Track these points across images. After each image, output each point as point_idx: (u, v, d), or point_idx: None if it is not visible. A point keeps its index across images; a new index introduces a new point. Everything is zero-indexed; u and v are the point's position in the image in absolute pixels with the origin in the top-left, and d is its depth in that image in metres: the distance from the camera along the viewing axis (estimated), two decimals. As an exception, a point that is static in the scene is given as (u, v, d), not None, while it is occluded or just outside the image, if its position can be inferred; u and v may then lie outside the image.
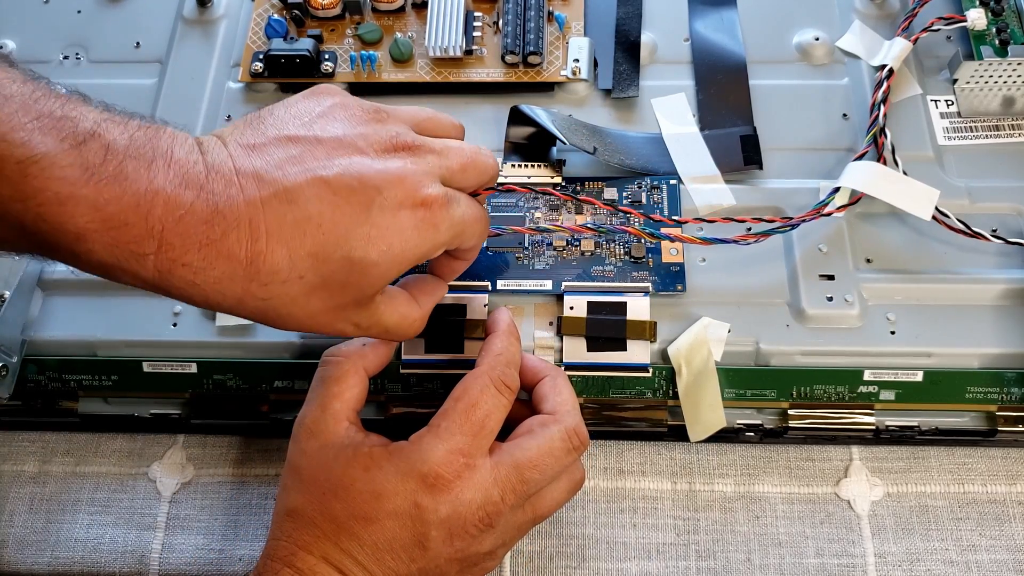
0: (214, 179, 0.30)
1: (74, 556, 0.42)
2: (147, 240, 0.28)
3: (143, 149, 0.29)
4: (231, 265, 0.30)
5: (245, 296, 0.30)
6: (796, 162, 0.46)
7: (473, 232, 0.36)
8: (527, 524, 0.36)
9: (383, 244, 0.32)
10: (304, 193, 0.30)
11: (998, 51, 0.46)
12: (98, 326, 0.43)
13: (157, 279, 0.29)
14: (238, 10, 0.53)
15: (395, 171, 0.32)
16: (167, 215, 0.28)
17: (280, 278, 0.30)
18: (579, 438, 0.36)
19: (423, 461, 0.34)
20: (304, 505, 0.34)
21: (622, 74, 0.49)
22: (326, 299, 0.32)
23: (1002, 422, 0.41)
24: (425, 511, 0.33)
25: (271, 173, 0.31)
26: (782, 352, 0.41)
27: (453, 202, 0.34)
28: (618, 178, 0.45)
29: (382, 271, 0.32)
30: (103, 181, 0.28)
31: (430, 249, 0.34)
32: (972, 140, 0.47)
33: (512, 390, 0.36)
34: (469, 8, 0.50)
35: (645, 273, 0.42)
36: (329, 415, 0.36)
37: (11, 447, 0.45)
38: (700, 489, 0.42)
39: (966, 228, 0.42)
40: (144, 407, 0.43)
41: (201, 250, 0.29)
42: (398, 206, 0.32)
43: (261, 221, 0.30)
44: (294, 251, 0.30)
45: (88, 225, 0.28)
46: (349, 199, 0.31)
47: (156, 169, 0.29)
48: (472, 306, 0.42)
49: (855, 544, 0.41)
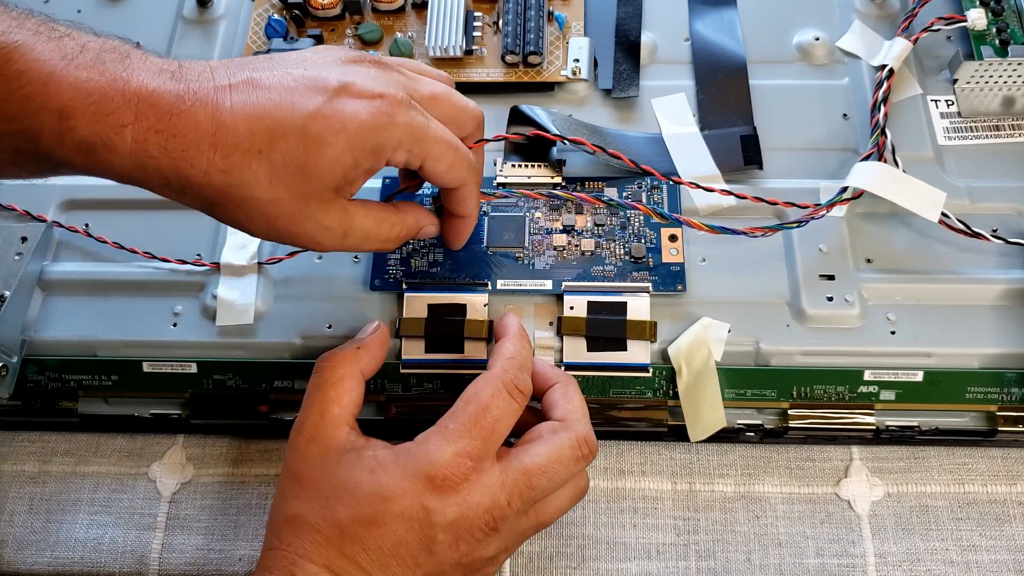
0: (187, 69, 0.33)
1: (74, 556, 0.42)
2: (125, 110, 0.31)
3: (119, 49, 0.32)
4: (198, 134, 0.32)
5: (210, 168, 0.32)
6: (796, 162, 0.46)
7: (441, 154, 0.35)
8: (530, 530, 0.36)
9: (336, 123, 0.33)
10: (268, 81, 0.33)
11: (998, 51, 0.46)
12: (98, 326, 0.43)
13: (133, 151, 0.31)
14: (238, 10, 0.53)
15: (357, 71, 0.35)
16: (141, 88, 0.31)
17: (241, 148, 0.32)
18: (588, 446, 0.36)
19: (431, 463, 0.33)
20: (305, 511, 0.34)
21: (622, 74, 0.49)
22: (287, 183, 0.33)
23: (1002, 422, 0.41)
24: (432, 513, 0.33)
25: (242, 68, 0.34)
26: (782, 352, 0.41)
27: (414, 108, 0.35)
28: (618, 178, 0.45)
29: (337, 153, 0.33)
30: (81, 66, 0.31)
31: (385, 140, 0.34)
32: (972, 140, 0.47)
33: (524, 395, 0.36)
34: (469, 8, 0.50)
35: (645, 273, 0.42)
36: (328, 420, 0.35)
37: (11, 447, 0.45)
38: (700, 489, 0.42)
39: (966, 228, 0.42)
40: (144, 407, 0.43)
41: (172, 119, 0.31)
42: (356, 96, 0.34)
43: (227, 98, 0.32)
44: (254, 125, 0.32)
45: (71, 101, 0.30)
46: (309, 87, 0.33)
47: (131, 60, 0.32)
48: (472, 306, 0.42)
49: (855, 544, 0.41)
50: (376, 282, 0.43)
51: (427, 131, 0.35)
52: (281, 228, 0.34)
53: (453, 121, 0.37)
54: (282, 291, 0.44)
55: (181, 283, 0.44)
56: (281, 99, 0.33)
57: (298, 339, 0.42)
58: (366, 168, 0.34)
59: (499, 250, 0.43)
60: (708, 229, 0.41)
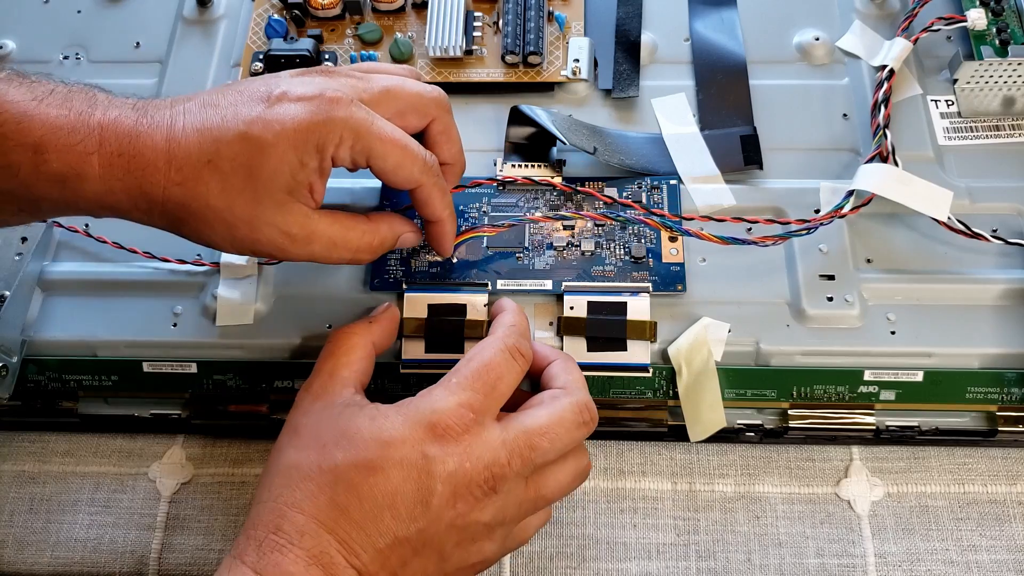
0: (148, 103, 0.35)
1: (74, 556, 0.42)
2: (90, 140, 0.33)
3: (85, 91, 0.35)
4: (155, 153, 0.34)
5: (168, 184, 0.34)
6: (796, 162, 0.46)
7: (386, 152, 0.36)
8: (528, 504, 0.35)
9: (276, 125, 0.34)
10: (218, 100, 0.35)
11: (998, 51, 0.46)
12: (98, 326, 0.43)
13: (101, 175, 0.34)
14: (238, 10, 0.53)
15: (301, 79, 0.36)
16: (104, 118, 0.34)
17: (192, 160, 0.34)
18: (589, 412, 0.36)
19: (433, 411, 0.33)
20: (299, 459, 0.33)
21: (622, 74, 0.49)
22: (238, 189, 0.34)
23: (1002, 422, 0.41)
24: (432, 462, 0.32)
25: (199, 94, 0.36)
26: (782, 352, 0.41)
27: (356, 105, 0.35)
28: (618, 178, 0.45)
29: (280, 153, 0.34)
30: (51, 105, 0.34)
31: (325, 137, 0.34)
32: (972, 140, 0.47)
33: (526, 359, 0.36)
34: (469, 8, 0.50)
35: (645, 273, 0.42)
36: (336, 381, 0.36)
37: (11, 447, 0.45)
38: (700, 489, 0.42)
39: (966, 228, 0.42)
40: (144, 407, 0.43)
41: (131, 141, 0.34)
42: (295, 99, 0.35)
43: (180, 118, 0.35)
44: (203, 137, 0.34)
45: (43, 137, 0.33)
46: (252, 96, 0.35)
47: (97, 98, 0.35)
48: (472, 306, 0.42)
49: (855, 544, 0.41)
50: (376, 282, 0.43)
51: (369, 127, 0.35)
52: (242, 237, 0.35)
53: (413, 110, 0.38)
54: (282, 291, 0.44)
55: (181, 283, 0.44)
56: (226, 112, 0.35)
57: (298, 339, 0.42)
58: (314, 167, 0.35)
59: (499, 250, 0.43)
60: (719, 241, 0.41)
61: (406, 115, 0.38)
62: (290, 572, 0.31)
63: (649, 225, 0.42)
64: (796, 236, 0.41)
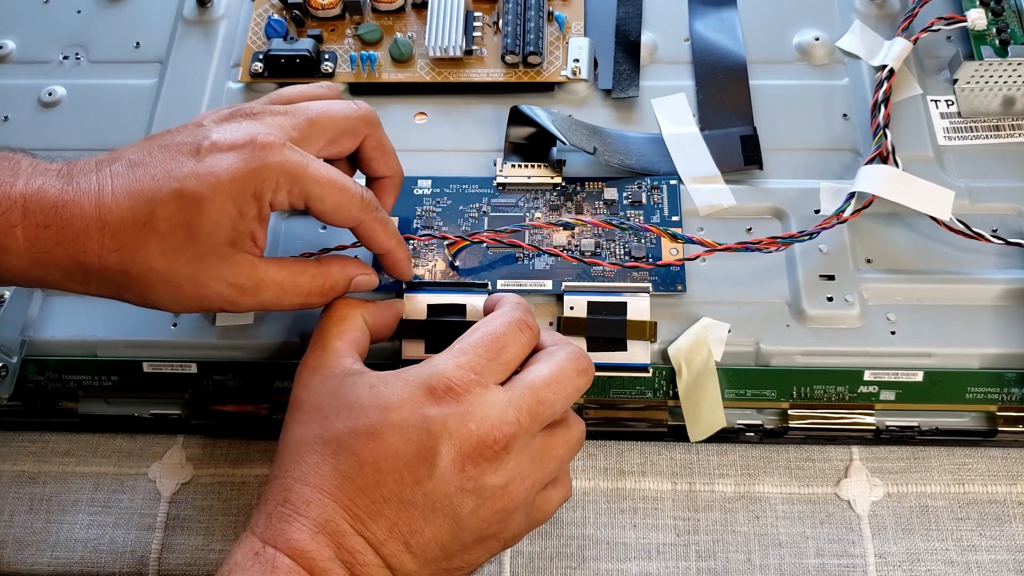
0: (73, 166, 0.34)
1: (74, 556, 0.42)
2: (12, 212, 0.32)
3: (8, 159, 0.34)
4: (84, 221, 0.33)
5: (102, 251, 0.33)
6: (796, 162, 0.46)
7: (323, 194, 0.35)
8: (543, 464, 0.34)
9: (211, 178, 0.33)
10: (145, 158, 0.34)
11: (998, 51, 0.46)
12: (98, 326, 0.43)
13: (26, 248, 0.33)
14: (238, 10, 0.53)
15: (227, 127, 0.35)
16: (27, 189, 0.33)
17: (126, 226, 0.33)
18: (586, 359, 0.36)
19: (431, 373, 0.33)
20: (304, 433, 0.33)
21: (622, 74, 0.49)
22: (179, 248, 0.33)
23: (1002, 422, 0.41)
24: (432, 422, 0.32)
25: (124, 152, 0.35)
26: (782, 352, 0.41)
27: (288, 148, 0.34)
28: (618, 178, 0.45)
29: (218, 206, 0.33)
30: None
31: (261, 184, 0.34)
32: (972, 140, 0.47)
33: (533, 332, 0.36)
34: (469, 8, 0.50)
35: (645, 273, 0.42)
36: (331, 352, 0.36)
37: (11, 447, 0.45)
38: (700, 489, 0.42)
39: (966, 228, 0.42)
40: (144, 407, 0.43)
41: (58, 211, 0.33)
42: (226, 149, 0.34)
43: (108, 182, 0.33)
44: (135, 200, 0.33)
45: None
46: (180, 150, 0.34)
47: (20, 167, 0.34)
48: (472, 306, 0.42)
49: (855, 544, 0.41)
50: (376, 282, 0.43)
51: (304, 170, 0.34)
52: (188, 295, 0.34)
53: (344, 134, 0.37)
54: (282, 291, 0.44)
55: (181, 283, 0.44)
56: (156, 171, 0.34)
57: (298, 339, 0.42)
58: (253, 215, 0.34)
59: (499, 251, 0.43)
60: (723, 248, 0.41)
61: (338, 141, 0.37)
62: (295, 539, 0.31)
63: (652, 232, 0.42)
64: (800, 240, 0.41)
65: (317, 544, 0.31)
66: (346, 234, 0.44)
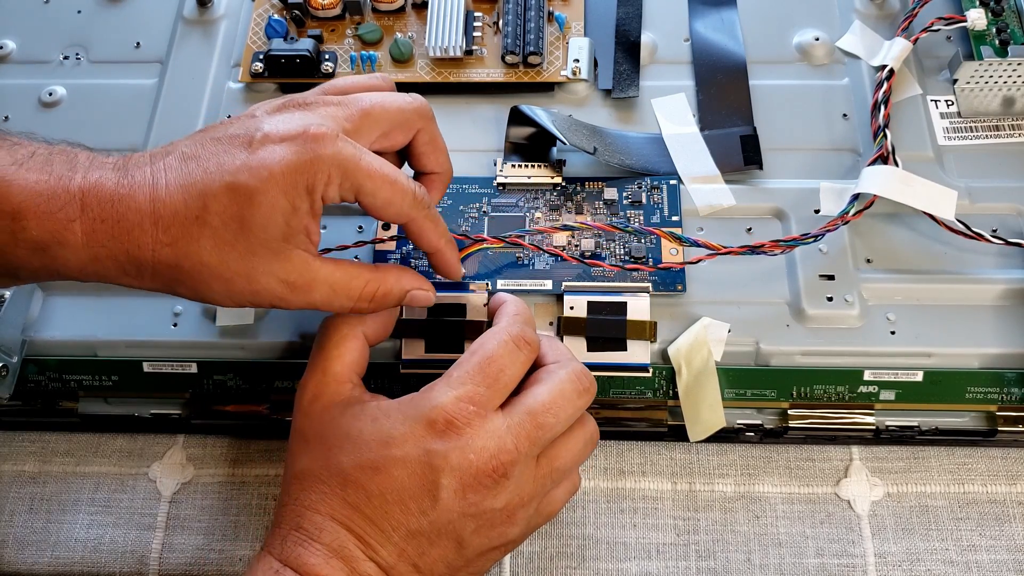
0: (129, 159, 0.34)
1: (74, 556, 0.42)
2: (71, 206, 0.32)
3: (65, 152, 0.34)
4: (139, 215, 0.33)
5: (156, 245, 0.33)
6: (796, 162, 0.46)
7: (375, 189, 0.34)
8: (546, 480, 0.35)
9: (263, 171, 0.33)
10: (198, 151, 0.34)
11: (998, 51, 0.46)
12: (98, 326, 0.43)
13: (85, 243, 0.33)
14: (238, 10, 0.53)
15: (280, 117, 0.35)
16: (84, 183, 0.33)
17: (179, 220, 0.33)
18: (588, 379, 0.36)
19: (432, 407, 0.33)
20: (310, 464, 0.34)
21: (622, 74, 0.49)
22: (231, 242, 0.33)
23: (1002, 422, 0.41)
24: (434, 456, 0.32)
25: (176, 146, 0.34)
26: (782, 352, 0.41)
27: (341, 140, 0.34)
28: (618, 178, 0.45)
29: (270, 200, 0.33)
30: (31, 169, 0.33)
31: (314, 177, 0.33)
32: (972, 140, 0.47)
33: (532, 347, 0.36)
34: (469, 8, 0.50)
35: (645, 273, 0.42)
36: (331, 378, 0.36)
37: (11, 447, 0.45)
38: (700, 489, 0.42)
39: (966, 228, 0.42)
40: (144, 407, 0.43)
41: (114, 206, 0.33)
42: (278, 140, 0.33)
43: (162, 176, 0.33)
44: (187, 193, 0.33)
45: (22, 203, 0.32)
46: (232, 142, 0.34)
47: (78, 160, 0.34)
48: (472, 306, 0.42)
49: (855, 544, 0.41)
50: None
51: (357, 163, 0.34)
52: (240, 290, 0.34)
53: (398, 127, 0.37)
54: (282, 291, 0.44)
55: (181, 283, 0.44)
56: (208, 164, 0.33)
57: (298, 339, 0.42)
58: (306, 209, 0.34)
59: (499, 251, 0.43)
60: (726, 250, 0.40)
61: (391, 134, 0.37)
62: (311, 563, 0.32)
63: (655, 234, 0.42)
64: (803, 243, 0.41)
65: (332, 568, 0.32)
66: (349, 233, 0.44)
